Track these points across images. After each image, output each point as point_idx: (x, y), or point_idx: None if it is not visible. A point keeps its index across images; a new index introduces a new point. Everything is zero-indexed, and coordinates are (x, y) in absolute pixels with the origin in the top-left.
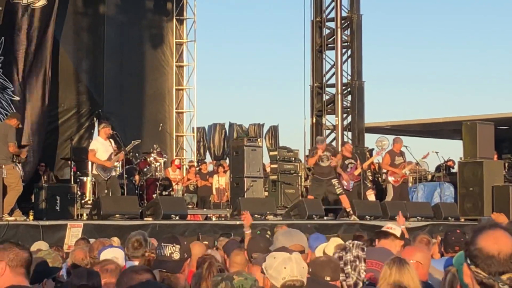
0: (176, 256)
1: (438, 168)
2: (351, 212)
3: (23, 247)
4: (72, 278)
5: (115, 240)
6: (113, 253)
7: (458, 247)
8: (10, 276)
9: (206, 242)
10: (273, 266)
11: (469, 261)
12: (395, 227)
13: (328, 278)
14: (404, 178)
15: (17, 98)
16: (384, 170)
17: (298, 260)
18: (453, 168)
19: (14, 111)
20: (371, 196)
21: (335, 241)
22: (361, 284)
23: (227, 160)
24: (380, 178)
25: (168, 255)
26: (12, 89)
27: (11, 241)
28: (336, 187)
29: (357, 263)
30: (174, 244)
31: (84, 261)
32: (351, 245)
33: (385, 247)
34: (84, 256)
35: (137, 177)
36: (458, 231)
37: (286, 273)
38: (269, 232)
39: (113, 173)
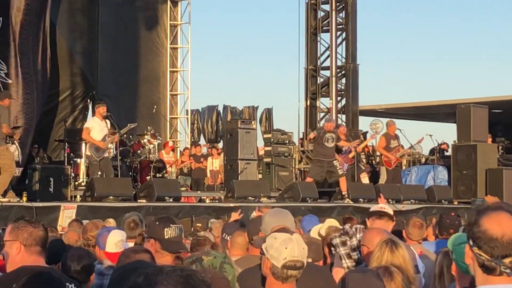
0: (183, 236)
1: (432, 151)
2: (346, 195)
3: (37, 225)
4: (66, 260)
5: (111, 222)
6: (121, 236)
7: (453, 229)
8: (25, 256)
9: (200, 224)
10: (274, 247)
11: (471, 243)
12: (387, 207)
13: (309, 260)
14: (397, 162)
15: (10, 81)
16: (378, 153)
17: (299, 240)
18: (447, 151)
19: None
20: (365, 178)
21: (330, 222)
22: None
23: (221, 143)
24: (374, 161)
25: (179, 236)
26: (6, 71)
27: (26, 219)
28: (338, 168)
29: None
30: (179, 226)
31: (77, 243)
32: (354, 229)
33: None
34: (77, 238)
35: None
36: (452, 214)
37: (287, 253)
38: None
39: (106, 155)
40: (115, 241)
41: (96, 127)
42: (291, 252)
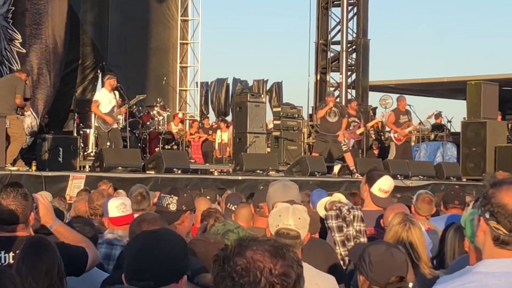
0: (173, 207)
1: (442, 128)
2: (354, 170)
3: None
4: None
5: (122, 193)
6: (122, 200)
7: (458, 201)
8: None
9: (209, 197)
10: (272, 215)
11: (487, 216)
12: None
13: None
14: (407, 137)
15: (24, 51)
16: (388, 128)
17: (297, 211)
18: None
19: (19, 63)
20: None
21: (337, 196)
22: None
23: (230, 116)
24: (383, 137)
25: (165, 206)
26: (21, 41)
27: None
28: (342, 145)
29: (361, 239)
30: (172, 196)
31: (87, 213)
32: (351, 217)
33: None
34: (87, 208)
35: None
36: (456, 187)
37: (280, 221)
38: None
39: (115, 126)
40: (116, 204)
41: (105, 99)
42: (284, 220)
